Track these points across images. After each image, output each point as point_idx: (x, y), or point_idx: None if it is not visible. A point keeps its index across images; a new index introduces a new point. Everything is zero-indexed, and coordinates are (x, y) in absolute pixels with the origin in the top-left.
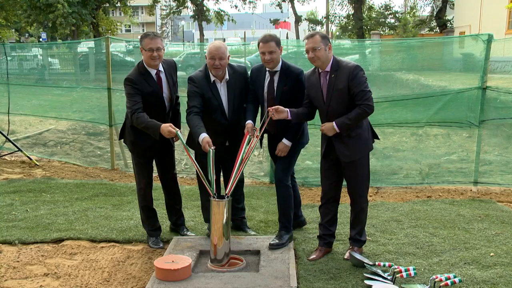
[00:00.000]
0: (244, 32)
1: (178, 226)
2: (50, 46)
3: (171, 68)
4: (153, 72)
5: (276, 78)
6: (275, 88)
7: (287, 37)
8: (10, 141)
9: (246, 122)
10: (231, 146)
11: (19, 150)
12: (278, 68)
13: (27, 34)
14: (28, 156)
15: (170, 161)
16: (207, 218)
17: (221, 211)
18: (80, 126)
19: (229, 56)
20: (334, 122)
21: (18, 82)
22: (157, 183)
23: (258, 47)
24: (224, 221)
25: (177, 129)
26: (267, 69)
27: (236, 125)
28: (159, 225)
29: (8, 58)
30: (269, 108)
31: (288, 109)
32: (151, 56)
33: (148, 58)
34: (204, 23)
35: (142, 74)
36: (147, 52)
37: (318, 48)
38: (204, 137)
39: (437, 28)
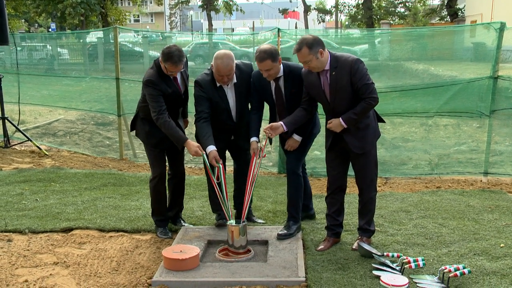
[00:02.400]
0: (253, 22)
1: (175, 219)
2: (59, 36)
3: (185, 64)
4: None
5: (281, 83)
6: (283, 94)
7: (296, 27)
8: (20, 131)
9: (251, 140)
10: (236, 139)
11: (29, 140)
12: (281, 73)
13: (36, 25)
14: (37, 146)
15: (180, 157)
16: (214, 208)
17: (236, 233)
18: (89, 116)
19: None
20: (340, 118)
21: (27, 72)
22: None
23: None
24: (242, 241)
25: (204, 152)
26: None
27: (242, 123)
28: (168, 216)
29: (18, 48)
30: (264, 129)
31: (281, 122)
32: (171, 74)
33: (168, 74)
34: (212, 13)
35: (161, 77)
36: (168, 72)
37: (309, 61)
38: (211, 150)
39: (448, 17)
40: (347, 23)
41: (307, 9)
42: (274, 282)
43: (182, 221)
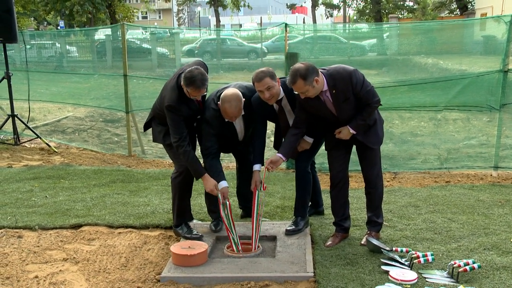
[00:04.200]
0: (261, 18)
1: None
2: (68, 34)
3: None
4: None
5: (284, 103)
6: (292, 111)
7: (303, 22)
8: (29, 128)
9: (254, 169)
10: (240, 148)
11: (38, 137)
12: (282, 94)
13: (45, 23)
14: (46, 143)
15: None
16: (210, 209)
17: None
18: (97, 113)
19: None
20: (349, 127)
21: (37, 70)
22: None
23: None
24: None
25: (219, 192)
26: None
27: (247, 138)
28: (191, 213)
29: (27, 46)
30: (266, 166)
31: (280, 154)
32: (194, 97)
33: (191, 97)
34: (220, 9)
35: (183, 100)
36: (191, 96)
37: (306, 91)
38: (223, 186)
39: (457, 10)
40: (355, 17)
41: (315, 4)
42: (283, 278)
43: (192, 218)
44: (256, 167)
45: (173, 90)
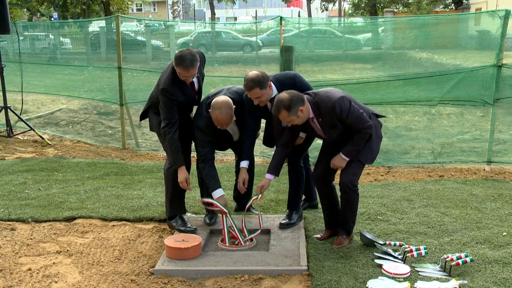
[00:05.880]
0: (256, 11)
1: None
2: (62, 26)
3: (201, 61)
4: None
5: None
6: None
7: (299, 15)
8: (22, 120)
9: (241, 166)
10: (236, 144)
11: (32, 129)
12: (275, 92)
13: (38, 14)
14: (40, 136)
15: (188, 147)
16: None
17: None
18: (91, 106)
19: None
20: (342, 154)
21: (30, 61)
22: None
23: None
24: None
25: (216, 202)
26: None
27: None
28: (184, 207)
29: (20, 37)
30: (257, 190)
31: (268, 175)
32: (185, 79)
33: (182, 78)
34: (215, 2)
35: (177, 84)
36: (181, 77)
37: (291, 121)
38: (220, 195)
39: (452, 5)
40: (350, 11)
41: None
42: (276, 271)
43: (185, 210)
44: (244, 163)
45: (168, 74)
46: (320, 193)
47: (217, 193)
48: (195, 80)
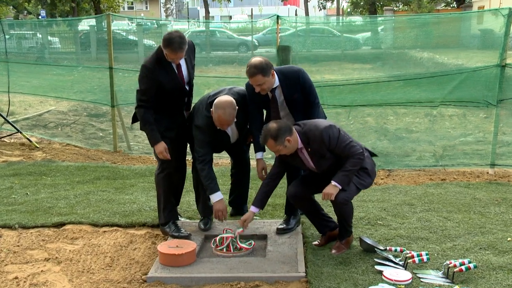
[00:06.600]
0: (251, 9)
1: None
2: (50, 24)
3: (190, 50)
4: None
5: (277, 93)
6: (285, 102)
7: (296, 14)
8: (9, 122)
9: (256, 158)
10: (233, 147)
11: (19, 131)
12: (276, 83)
13: (25, 12)
14: (27, 138)
15: (183, 151)
16: (202, 213)
17: None
18: (81, 107)
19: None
20: (333, 181)
21: (17, 61)
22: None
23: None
24: None
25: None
26: None
27: (242, 138)
28: (177, 213)
29: (6, 36)
30: (241, 224)
31: (253, 208)
32: (172, 60)
33: (169, 60)
34: (209, 0)
35: (160, 62)
36: (169, 59)
37: (278, 151)
38: (219, 199)
39: (454, 3)
40: (349, 10)
41: None
42: (273, 278)
43: (178, 216)
44: (258, 155)
45: (153, 54)
46: (299, 207)
47: (216, 196)
48: (183, 64)
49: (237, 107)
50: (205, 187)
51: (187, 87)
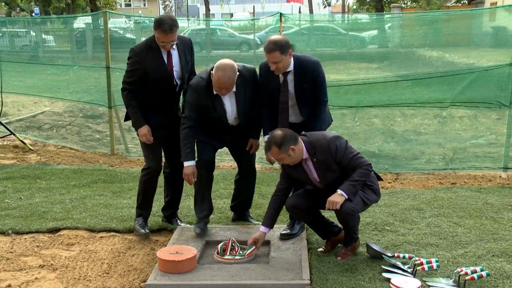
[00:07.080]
0: (253, 7)
1: (170, 218)
2: (44, 22)
3: (186, 46)
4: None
5: (290, 78)
6: (289, 91)
7: (299, 12)
8: (2, 124)
9: (265, 140)
10: (235, 141)
11: (12, 133)
12: (291, 67)
13: (18, 8)
14: (21, 140)
15: (178, 152)
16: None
17: None
18: (77, 108)
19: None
20: (339, 191)
21: (10, 59)
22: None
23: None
24: None
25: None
26: None
27: (241, 126)
28: (150, 210)
29: None
30: (251, 243)
31: (262, 229)
32: (163, 46)
33: (159, 44)
34: None
35: (150, 48)
36: (159, 42)
37: (281, 159)
38: (189, 165)
39: None
40: (354, 7)
41: None
42: (277, 285)
43: (178, 221)
44: (266, 137)
45: (145, 40)
46: (299, 219)
47: (187, 164)
48: (174, 55)
49: (237, 73)
50: (181, 150)
51: (178, 81)
